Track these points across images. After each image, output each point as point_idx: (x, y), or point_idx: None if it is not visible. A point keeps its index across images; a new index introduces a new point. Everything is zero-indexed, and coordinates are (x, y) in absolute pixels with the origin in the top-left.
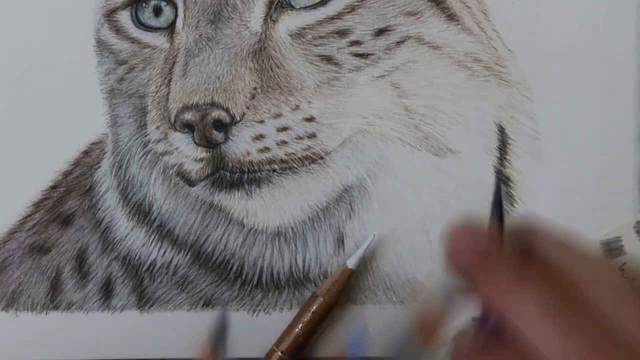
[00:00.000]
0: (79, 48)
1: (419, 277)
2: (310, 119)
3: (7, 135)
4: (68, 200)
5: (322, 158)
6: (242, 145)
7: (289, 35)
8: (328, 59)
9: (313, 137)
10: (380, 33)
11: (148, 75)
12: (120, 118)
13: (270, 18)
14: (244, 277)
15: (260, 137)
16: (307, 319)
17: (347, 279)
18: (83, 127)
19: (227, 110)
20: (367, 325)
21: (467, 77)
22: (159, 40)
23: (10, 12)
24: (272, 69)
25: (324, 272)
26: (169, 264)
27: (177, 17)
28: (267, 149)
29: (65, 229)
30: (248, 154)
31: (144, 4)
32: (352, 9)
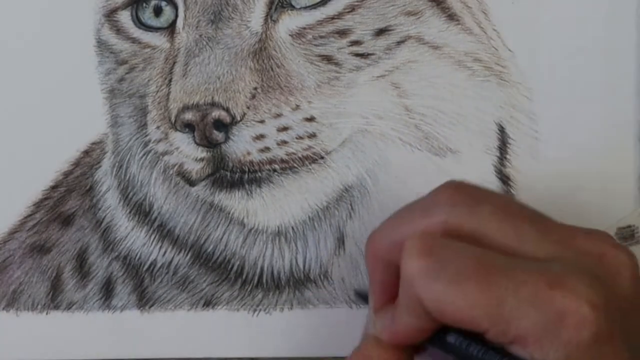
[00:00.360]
0: (79, 48)
1: None
2: (311, 119)
3: (7, 135)
4: (68, 200)
5: (322, 158)
6: (242, 145)
7: (290, 35)
8: (328, 59)
9: (313, 137)
10: (381, 33)
11: (148, 75)
12: (121, 118)
13: (271, 18)
14: (245, 276)
15: (261, 137)
16: None
17: None
18: (83, 127)
19: (227, 110)
20: None
21: (467, 77)
22: (160, 40)
23: (10, 12)
24: (272, 69)
25: (325, 271)
26: (170, 264)
27: (177, 17)
28: (267, 149)
29: (66, 229)
30: (248, 154)
31: (145, 4)
32: (352, 9)
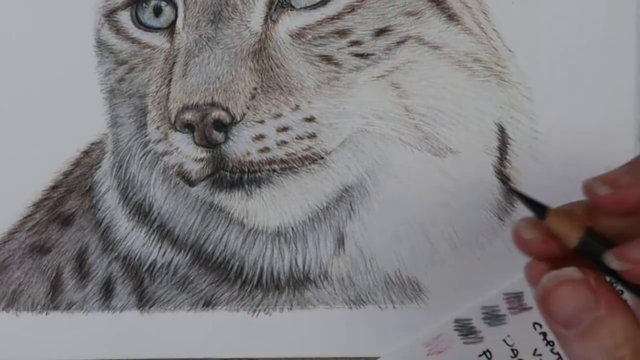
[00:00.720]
0: (79, 48)
1: (419, 277)
2: (311, 119)
3: (7, 135)
4: (68, 200)
5: (322, 158)
6: (242, 146)
7: (289, 36)
8: (328, 59)
9: (313, 137)
10: (381, 33)
11: (148, 76)
12: (121, 118)
13: (271, 18)
14: (244, 277)
15: (261, 137)
16: None
17: None
18: (83, 127)
19: (227, 111)
20: None
21: (467, 77)
22: (159, 41)
23: (10, 12)
24: (272, 69)
25: (324, 272)
26: (169, 264)
27: (177, 17)
28: (267, 149)
29: (66, 229)
30: (248, 154)
31: (144, 4)
32: (352, 9)
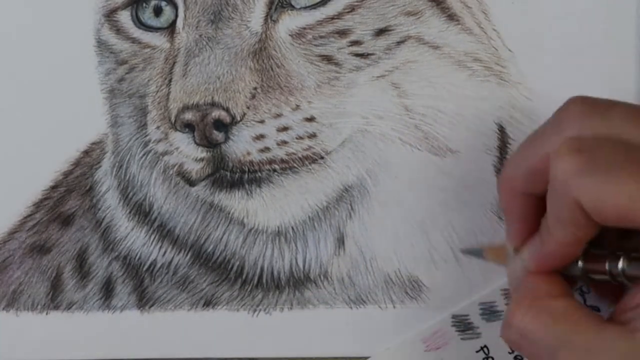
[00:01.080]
0: (79, 48)
1: (419, 277)
2: (311, 119)
3: (7, 135)
4: (68, 200)
5: (322, 158)
6: (242, 145)
7: (290, 35)
8: (328, 59)
9: (313, 137)
10: (381, 33)
11: (148, 75)
12: (121, 118)
13: (271, 18)
14: (245, 276)
15: (261, 137)
16: None
17: None
18: (83, 127)
19: (227, 110)
20: None
21: (467, 77)
22: (159, 40)
23: (10, 12)
24: (272, 69)
25: (324, 271)
26: (170, 264)
27: (177, 17)
28: (267, 149)
29: (66, 229)
30: (248, 154)
31: (144, 4)
32: (352, 9)
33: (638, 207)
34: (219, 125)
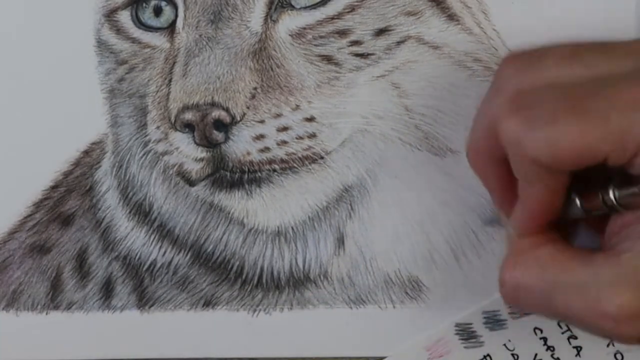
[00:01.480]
0: (79, 48)
1: (419, 277)
2: (311, 119)
3: (7, 135)
4: (68, 200)
5: (322, 158)
6: (242, 145)
7: (289, 35)
8: (328, 59)
9: (313, 137)
10: (381, 33)
11: (148, 75)
12: (121, 118)
13: (271, 18)
14: (244, 276)
15: (261, 137)
16: None
17: None
18: (83, 127)
19: (227, 110)
20: None
21: (467, 77)
22: (159, 40)
23: (10, 12)
24: (272, 69)
25: (324, 272)
26: (169, 264)
27: (177, 17)
28: (267, 149)
29: (66, 229)
30: (248, 154)
31: (144, 4)
32: (352, 9)
33: (590, 142)
34: (219, 125)
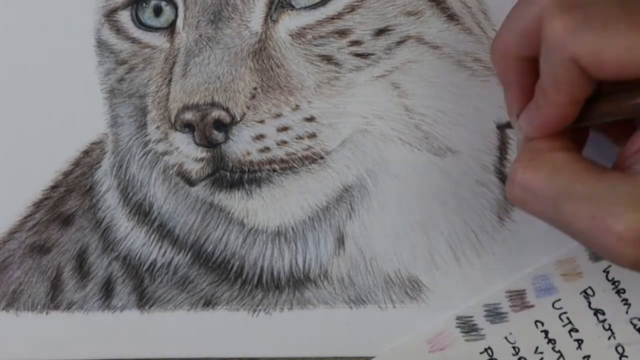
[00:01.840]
0: (79, 48)
1: (419, 277)
2: (311, 119)
3: (7, 135)
4: (68, 200)
5: (322, 158)
6: (242, 145)
7: (289, 35)
8: (328, 59)
9: (313, 137)
10: (381, 33)
11: (148, 75)
12: (121, 118)
13: (271, 18)
14: (244, 276)
15: (261, 137)
16: None
17: None
18: (83, 127)
19: (227, 110)
20: None
21: (467, 77)
22: (159, 40)
23: (10, 12)
24: (272, 69)
25: (324, 272)
26: (169, 264)
27: (177, 17)
28: (267, 149)
29: (66, 229)
30: (248, 154)
31: (144, 4)
32: (352, 9)
33: (636, 57)
34: (219, 125)
